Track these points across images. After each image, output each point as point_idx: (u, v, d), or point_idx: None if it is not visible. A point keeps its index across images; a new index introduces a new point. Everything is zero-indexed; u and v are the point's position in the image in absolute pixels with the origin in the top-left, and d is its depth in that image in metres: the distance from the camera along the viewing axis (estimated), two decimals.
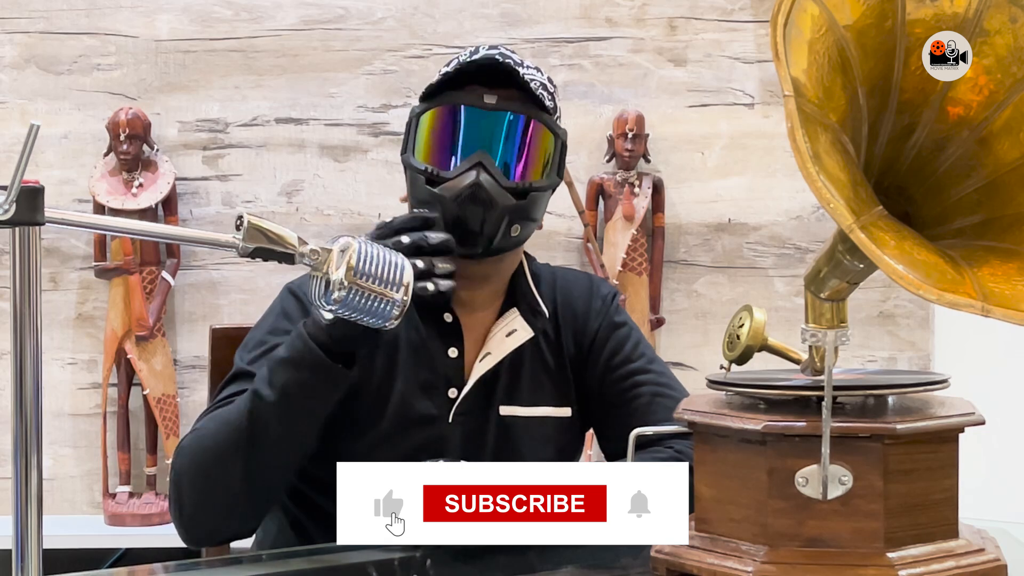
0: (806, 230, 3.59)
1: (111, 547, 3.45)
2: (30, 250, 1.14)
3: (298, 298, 1.79)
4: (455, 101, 1.75)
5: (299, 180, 3.61)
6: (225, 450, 1.60)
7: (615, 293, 1.92)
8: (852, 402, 1.39)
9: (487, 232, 1.73)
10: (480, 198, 1.71)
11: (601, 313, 1.87)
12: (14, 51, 3.58)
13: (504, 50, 1.79)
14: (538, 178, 1.76)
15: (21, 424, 1.14)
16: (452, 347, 1.80)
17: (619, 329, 1.88)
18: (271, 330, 1.76)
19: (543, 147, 1.77)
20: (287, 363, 1.60)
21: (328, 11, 3.60)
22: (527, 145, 1.76)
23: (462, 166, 1.72)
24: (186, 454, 1.65)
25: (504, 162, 1.74)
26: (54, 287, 3.57)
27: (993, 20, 1.34)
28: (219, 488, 1.62)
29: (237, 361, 1.76)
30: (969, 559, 1.34)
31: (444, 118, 1.75)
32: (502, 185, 1.72)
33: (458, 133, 1.74)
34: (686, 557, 1.38)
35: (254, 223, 1.32)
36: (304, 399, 1.59)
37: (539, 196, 1.77)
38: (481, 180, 1.70)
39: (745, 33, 3.60)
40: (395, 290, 1.39)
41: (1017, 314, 1.23)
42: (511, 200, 1.73)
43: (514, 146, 1.75)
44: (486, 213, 1.71)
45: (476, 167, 1.71)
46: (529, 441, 1.79)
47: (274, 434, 1.59)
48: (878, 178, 1.39)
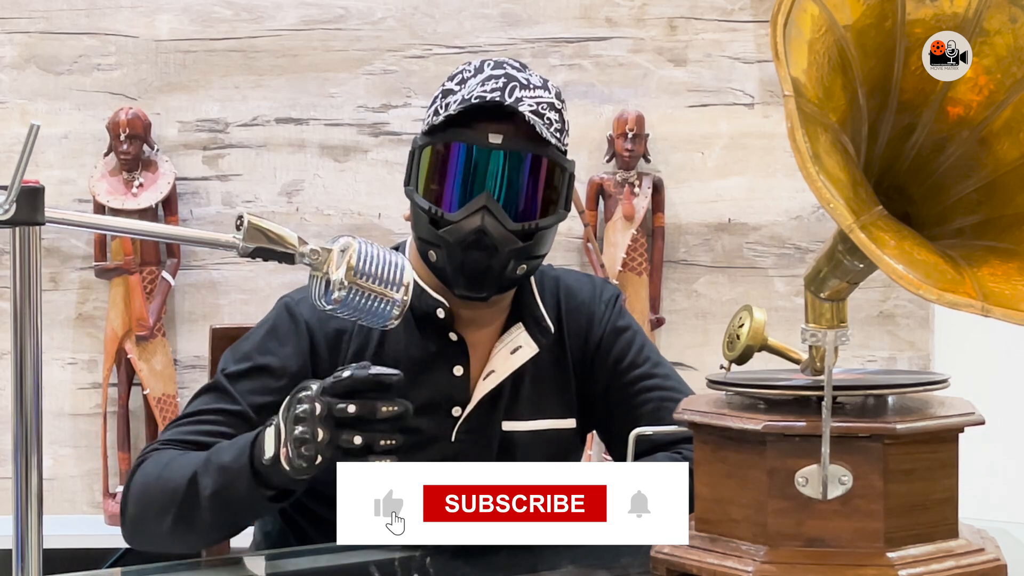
0: (806, 230, 3.59)
1: (111, 547, 3.45)
2: (30, 250, 1.14)
3: (292, 316, 1.75)
4: (459, 139, 1.69)
5: (299, 180, 3.61)
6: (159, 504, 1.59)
7: (617, 295, 1.89)
8: (852, 402, 1.39)
9: (493, 276, 1.70)
10: (485, 244, 1.67)
11: (604, 318, 1.85)
12: (14, 51, 3.58)
13: (510, 69, 1.73)
14: (545, 216, 1.71)
15: (21, 424, 1.14)
16: (458, 365, 1.77)
17: (623, 334, 1.85)
18: (259, 347, 1.73)
19: (550, 184, 1.71)
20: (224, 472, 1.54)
21: (328, 11, 3.60)
22: (533, 184, 1.70)
23: (466, 209, 1.67)
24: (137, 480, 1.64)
25: (509, 203, 1.69)
26: (54, 287, 3.57)
27: (993, 20, 1.34)
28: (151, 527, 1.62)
29: (222, 366, 1.74)
30: (969, 559, 1.34)
31: (447, 156, 1.70)
32: (507, 228, 1.67)
33: (462, 173, 1.69)
34: (686, 557, 1.38)
35: (254, 223, 1.32)
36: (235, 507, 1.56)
37: (546, 233, 1.73)
38: (485, 225, 1.66)
39: (745, 33, 3.60)
40: (395, 290, 1.39)
41: (1017, 314, 1.23)
42: (517, 243, 1.69)
43: (520, 187, 1.69)
44: (491, 258, 1.68)
45: (480, 211, 1.66)
46: (532, 455, 1.76)
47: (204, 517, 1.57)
48: (878, 178, 1.39)
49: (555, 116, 1.73)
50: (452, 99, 1.72)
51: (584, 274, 1.94)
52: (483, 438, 1.76)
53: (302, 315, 1.75)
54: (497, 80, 1.71)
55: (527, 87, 1.71)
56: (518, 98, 1.70)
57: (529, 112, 1.69)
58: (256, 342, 1.74)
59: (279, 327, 1.75)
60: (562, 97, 1.77)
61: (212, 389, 1.72)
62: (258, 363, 1.71)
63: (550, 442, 1.80)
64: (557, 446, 1.81)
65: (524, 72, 1.74)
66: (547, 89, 1.74)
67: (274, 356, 1.72)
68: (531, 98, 1.71)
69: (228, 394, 1.70)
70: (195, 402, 1.72)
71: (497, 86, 1.70)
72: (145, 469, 1.64)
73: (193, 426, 1.68)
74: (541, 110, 1.71)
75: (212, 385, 1.72)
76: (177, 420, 1.71)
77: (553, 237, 1.77)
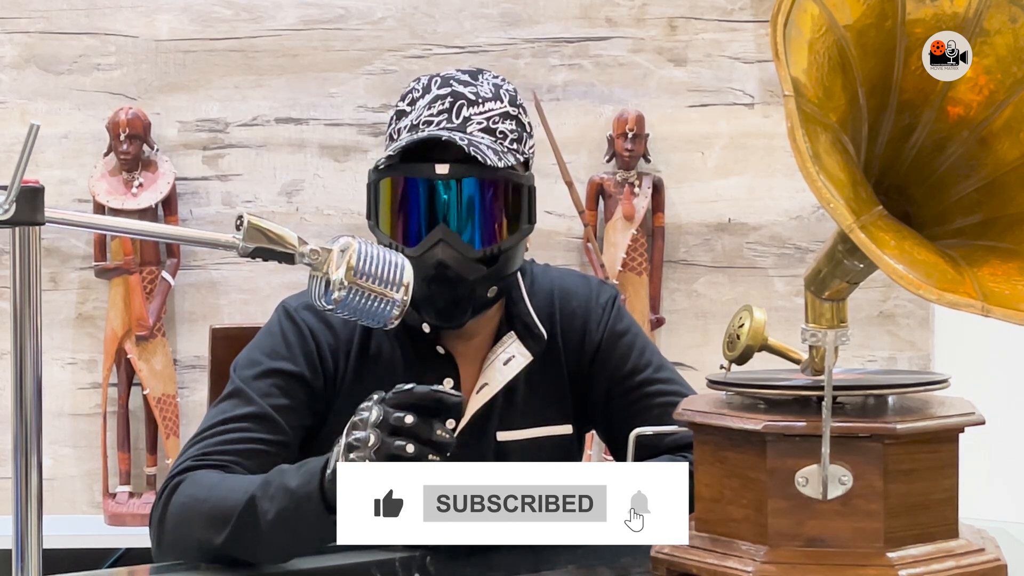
0: (806, 230, 3.59)
1: (111, 547, 3.45)
2: (30, 250, 1.14)
3: (294, 323, 1.74)
4: (409, 173, 1.67)
5: (299, 180, 3.61)
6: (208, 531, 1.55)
7: (615, 296, 1.86)
8: (852, 402, 1.39)
9: (462, 305, 1.68)
10: (448, 277, 1.65)
11: (603, 323, 1.82)
12: (14, 51, 3.58)
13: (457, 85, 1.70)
14: (506, 237, 1.69)
15: (21, 424, 1.14)
16: (447, 378, 1.75)
17: (623, 338, 1.82)
18: (269, 353, 1.72)
19: (507, 205, 1.69)
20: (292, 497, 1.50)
21: (328, 11, 3.60)
22: (489, 209, 1.68)
23: (424, 244, 1.65)
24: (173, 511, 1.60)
25: (468, 231, 1.67)
26: (54, 287, 3.57)
27: (993, 20, 1.34)
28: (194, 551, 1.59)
29: (234, 377, 1.72)
30: (969, 559, 1.34)
31: (399, 190, 1.68)
32: (469, 257, 1.66)
33: (416, 207, 1.67)
34: (686, 557, 1.39)
35: (254, 223, 1.32)
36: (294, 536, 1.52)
37: (512, 252, 1.71)
38: (445, 258, 1.65)
39: (745, 33, 3.60)
40: (395, 290, 1.39)
41: (1017, 314, 1.23)
42: (482, 269, 1.67)
43: (475, 213, 1.67)
44: (457, 289, 1.66)
45: (439, 244, 1.65)
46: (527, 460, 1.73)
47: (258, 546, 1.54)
48: (878, 178, 1.39)
49: (510, 126, 1.70)
50: (404, 123, 1.71)
51: (581, 275, 1.91)
52: (477, 451, 1.73)
53: (304, 321, 1.74)
54: (443, 101, 1.69)
55: (475, 103, 1.69)
56: (466, 118, 1.68)
57: (478, 132, 1.67)
58: (265, 349, 1.73)
59: (285, 333, 1.74)
60: (518, 101, 1.74)
61: (229, 396, 1.70)
62: (271, 367, 1.70)
63: (546, 449, 1.78)
64: (553, 453, 1.78)
65: (474, 84, 1.72)
66: (499, 99, 1.71)
67: (285, 361, 1.71)
68: (480, 114, 1.69)
69: (246, 397, 1.68)
70: (213, 412, 1.71)
71: (444, 107, 1.69)
72: (186, 491, 1.60)
73: (220, 437, 1.66)
74: (492, 124, 1.69)
75: (228, 393, 1.71)
76: (200, 434, 1.68)
77: (522, 251, 1.75)
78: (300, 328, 1.74)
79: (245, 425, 1.67)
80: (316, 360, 1.73)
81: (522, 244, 1.73)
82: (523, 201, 1.71)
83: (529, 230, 1.73)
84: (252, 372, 1.71)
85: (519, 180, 1.70)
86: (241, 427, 1.67)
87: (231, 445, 1.65)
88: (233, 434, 1.66)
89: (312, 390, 1.72)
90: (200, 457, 1.65)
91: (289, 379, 1.71)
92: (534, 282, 1.82)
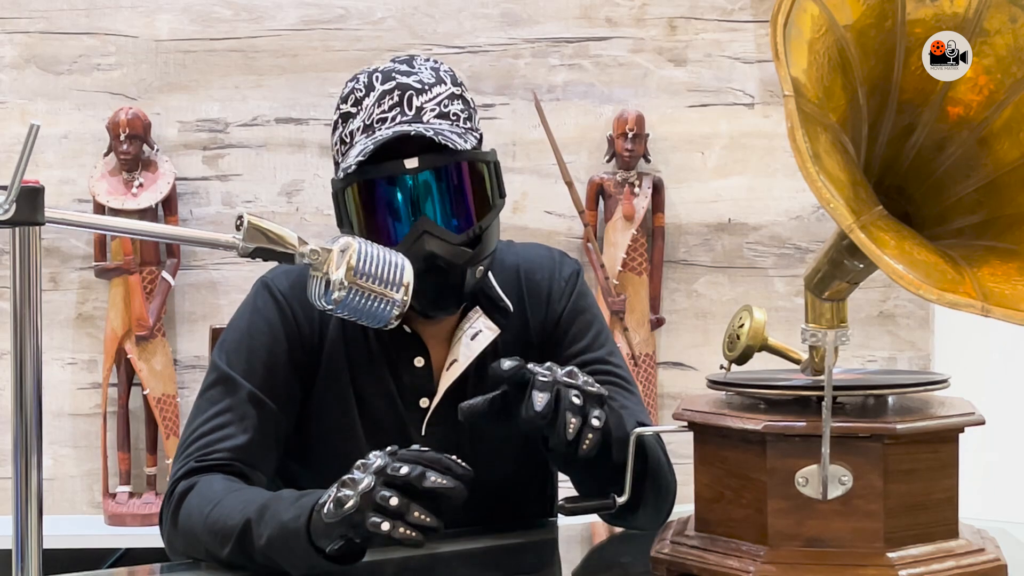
0: (806, 230, 3.59)
1: (111, 547, 3.45)
2: (30, 250, 1.14)
3: (271, 293, 1.77)
4: (378, 175, 1.68)
5: (299, 180, 3.61)
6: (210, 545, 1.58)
7: (578, 271, 1.87)
8: (852, 402, 1.39)
9: (452, 291, 1.70)
10: (438, 266, 1.66)
11: (565, 295, 1.83)
12: (14, 51, 3.58)
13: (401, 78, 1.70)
14: (485, 216, 1.71)
15: (21, 424, 1.14)
16: (417, 356, 1.77)
17: (582, 315, 1.83)
18: (252, 333, 1.75)
19: (480, 184, 1.71)
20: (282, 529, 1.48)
21: (328, 11, 3.60)
22: (463, 192, 1.70)
23: (408, 239, 1.66)
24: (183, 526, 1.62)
25: (446, 218, 1.68)
26: (54, 287, 3.57)
27: (993, 20, 1.34)
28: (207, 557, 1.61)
29: (217, 361, 1.74)
30: (969, 559, 1.34)
31: (371, 193, 1.69)
32: (453, 243, 1.67)
33: (393, 206, 1.68)
34: (686, 557, 1.39)
35: (254, 223, 1.32)
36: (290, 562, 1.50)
37: (490, 230, 1.72)
38: (433, 249, 1.65)
39: (745, 33, 3.60)
40: (395, 290, 1.39)
41: (1017, 314, 1.23)
42: (467, 252, 1.68)
43: (451, 199, 1.68)
44: (448, 276, 1.68)
45: (423, 236, 1.66)
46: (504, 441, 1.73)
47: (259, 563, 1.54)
48: (878, 178, 1.39)
49: (459, 106, 1.72)
50: (353, 124, 1.71)
51: (544, 248, 1.91)
52: (453, 428, 1.72)
53: (280, 292, 1.76)
54: (391, 95, 1.69)
55: (423, 91, 1.70)
56: (418, 108, 1.69)
57: (434, 119, 1.68)
58: (245, 325, 1.76)
59: (263, 308, 1.76)
60: (458, 80, 1.75)
61: (215, 384, 1.72)
62: (252, 345, 1.73)
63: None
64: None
65: (414, 73, 1.72)
66: (442, 82, 1.72)
67: (266, 336, 1.74)
68: (430, 101, 1.70)
69: (233, 382, 1.70)
70: (203, 402, 1.72)
71: (395, 101, 1.69)
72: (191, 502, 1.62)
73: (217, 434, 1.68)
74: (444, 108, 1.70)
75: (215, 380, 1.73)
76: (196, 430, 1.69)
77: (498, 228, 1.77)
78: (278, 300, 1.76)
79: (238, 413, 1.69)
80: (295, 329, 1.75)
81: (497, 220, 1.75)
82: (492, 178, 1.73)
83: (502, 204, 1.75)
84: (235, 354, 1.73)
85: (484, 158, 1.72)
86: (234, 417, 1.68)
87: (228, 441, 1.67)
88: (228, 428, 1.68)
89: (294, 360, 1.74)
90: (202, 457, 1.67)
91: (271, 355, 1.73)
92: (498, 259, 1.83)
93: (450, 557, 1.61)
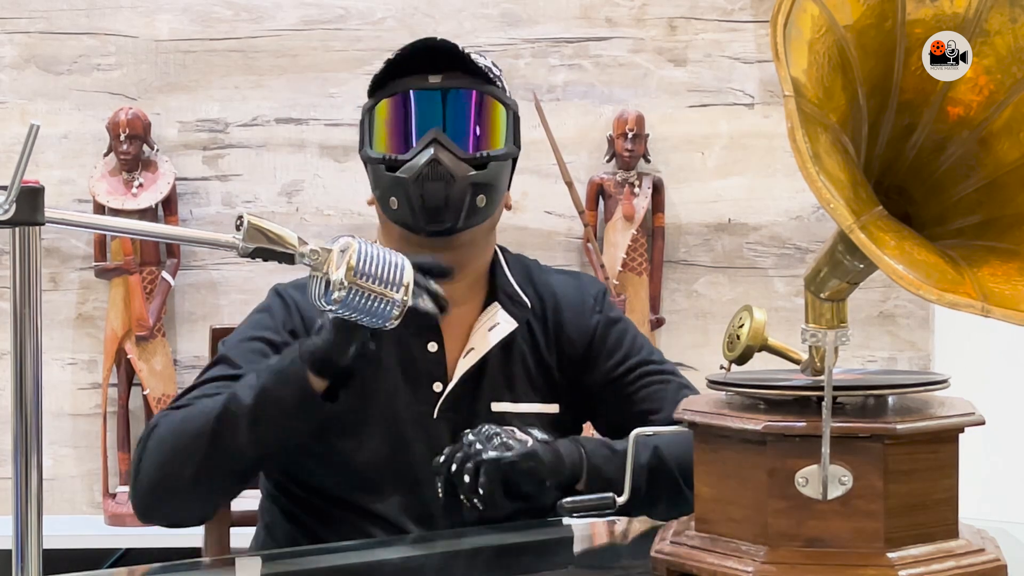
0: (806, 230, 3.59)
1: (111, 547, 3.45)
2: (30, 250, 1.14)
3: (282, 298, 1.80)
4: (401, 88, 1.77)
5: (299, 180, 3.61)
6: (189, 441, 1.61)
7: (604, 290, 1.92)
8: (852, 402, 1.39)
9: (452, 207, 1.74)
10: (440, 174, 1.72)
11: (595, 311, 1.87)
12: (14, 51, 3.58)
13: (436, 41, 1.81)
14: (496, 147, 1.78)
15: (21, 424, 1.14)
16: (431, 341, 1.79)
17: (617, 324, 1.88)
18: (255, 326, 1.78)
19: (495, 118, 1.79)
20: (272, 372, 1.60)
21: (328, 11, 3.60)
22: (479, 117, 1.78)
23: (418, 146, 1.74)
24: (154, 435, 1.66)
25: (459, 136, 1.75)
26: (54, 287, 3.57)
27: (993, 20, 1.34)
28: (173, 476, 1.62)
29: (220, 348, 1.78)
30: (969, 559, 1.34)
31: (394, 106, 1.77)
32: (460, 158, 1.74)
33: (410, 117, 1.77)
34: (686, 557, 1.38)
35: (254, 223, 1.32)
36: (278, 414, 1.58)
37: (499, 166, 1.79)
38: (439, 156, 1.72)
39: (745, 33, 3.60)
40: (395, 290, 1.39)
41: (1017, 314, 1.23)
42: (471, 171, 1.74)
43: (466, 120, 1.77)
44: (448, 188, 1.73)
45: (431, 144, 1.73)
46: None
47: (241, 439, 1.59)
48: (878, 178, 1.39)
49: (492, 73, 1.81)
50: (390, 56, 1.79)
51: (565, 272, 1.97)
52: (468, 416, 1.75)
53: (291, 296, 1.80)
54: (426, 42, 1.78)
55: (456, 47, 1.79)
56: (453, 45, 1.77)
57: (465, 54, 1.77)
58: (253, 323, 1.80)
59: (271, 308, 1.80)
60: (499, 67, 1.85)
61: (215, 363, 1.76)
62: (256, 335, 1.76)
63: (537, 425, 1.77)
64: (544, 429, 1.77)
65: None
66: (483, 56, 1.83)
67: (270, 331, 1.77)
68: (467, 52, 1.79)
69: (229, 362, 1.73)
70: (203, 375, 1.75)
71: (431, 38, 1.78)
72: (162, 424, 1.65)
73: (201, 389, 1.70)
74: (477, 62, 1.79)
75: (215, 360, 1.77)
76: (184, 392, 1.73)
77: (509, 178, 1.83)
78: (287, 302, 1.80)
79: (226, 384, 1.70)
80: (301, 330, 1.77)
81: (508, 166, 1.82)
82: (510, 121, 1.81)
83: (516, 152, 1.82)
84: (236, 341, 1.77)
85: (507, 101, 1.81)
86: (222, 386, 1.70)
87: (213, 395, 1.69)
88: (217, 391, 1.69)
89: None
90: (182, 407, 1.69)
91: (271, 347, 1.75)
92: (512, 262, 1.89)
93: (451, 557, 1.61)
